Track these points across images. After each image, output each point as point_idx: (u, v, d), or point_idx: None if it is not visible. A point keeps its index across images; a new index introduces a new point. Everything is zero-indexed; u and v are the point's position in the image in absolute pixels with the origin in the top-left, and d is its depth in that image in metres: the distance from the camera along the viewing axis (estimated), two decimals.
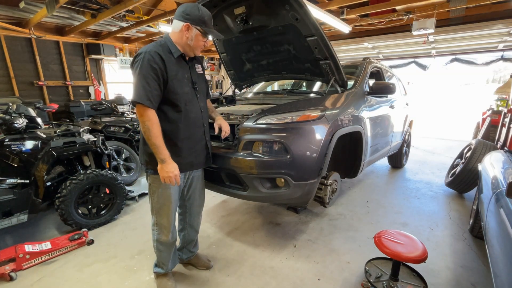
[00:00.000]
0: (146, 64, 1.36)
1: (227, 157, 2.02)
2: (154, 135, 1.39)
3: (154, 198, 1.65)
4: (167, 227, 1.70)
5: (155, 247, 1.77)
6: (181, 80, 1.50)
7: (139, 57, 1.39)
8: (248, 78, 3.33)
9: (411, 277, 1.78)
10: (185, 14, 1.45)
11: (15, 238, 2.48)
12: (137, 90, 1.36)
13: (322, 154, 2.09)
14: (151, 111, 1.39)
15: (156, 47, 1.42)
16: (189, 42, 1.48)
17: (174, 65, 1.47)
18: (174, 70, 1.46)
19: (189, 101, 1.55)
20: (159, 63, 1.39)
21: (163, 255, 1.79)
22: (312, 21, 2.18)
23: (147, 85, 1.36)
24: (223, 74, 9.49)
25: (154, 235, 1.74)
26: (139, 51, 1.41)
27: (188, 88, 1.56)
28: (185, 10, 1.45)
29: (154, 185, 1.62)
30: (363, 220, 2.73)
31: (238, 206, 3.11)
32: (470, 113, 11.91)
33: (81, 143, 2.67)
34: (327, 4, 4.08)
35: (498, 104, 5.07)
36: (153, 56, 1.37)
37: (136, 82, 1.38)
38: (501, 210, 1.45)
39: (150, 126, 1.38)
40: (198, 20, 1.46)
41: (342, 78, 2.55)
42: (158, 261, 1.83)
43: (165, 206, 1.65)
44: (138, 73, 1.37)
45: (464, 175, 3.06)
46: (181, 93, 1.50)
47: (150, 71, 1.36)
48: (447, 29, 5.17)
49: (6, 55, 4.97)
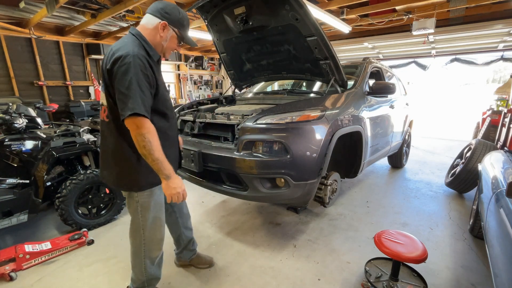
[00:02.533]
0: (138, 70, 1.19)
1: (227, 157, 2.02)
2: (157, 148, 1.22)
3: (146, 215, 1.46)
4: (161, 239, 1.57)
5: (145, 268, 1.55)
6: (163, 86, 1.39)
7: (124, 60, 1.18)
8: (248, 78, 3.33)
9: (411, 277, 1.78)
10: (164, 12, 1.32)
11: (15, 238, 2.48)
12: (134, 100, 1.16)
13: (322, 154, 2.09)
14: (149, 122, 1.22)
15: (139, 49, 1.25)
16: (163, 43, 1.36)
17: (156, 70, 1.35)
18: (158, 75, 1.35)
19: (171, 108, 1.47)
20: (149, 69, 1.25)
21: (154, 272, 1.61)
22: (312, 21, 2.19)
23: (143, 93, 1.20)
24: (223, 74, 9.48)
25: (144, 257, 1.53)
26: (119, 53, 1.19)
27: (166, 93, 1.45)
28: (164, 8, 1.32)
29: (146, 201, 1.43)
30: (363, 220, 2.73)
31: (238, 206, 3.11)
32: (470, 113, 11.92)
33: (81, 143, 2.67)
34: (327, 4, 4.08)
35: (498, 104, 5.07)
36: (143, 62, 1.22)
37: (127, 90, 1.17)
38: (501, 210, 1.45)
39: (151, 138, 1.21)
40: (177, 22, 1.35)
41: (342, 78, 2.55)
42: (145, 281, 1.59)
43: (157, 219, 1.51)
44: (129, 81, 1.17)
45: (464, 175, 3.06)
46: (167, 99, 1.43)
47: (143, 78, 1.21)
48: (447, 29, 5.17)
49: (6, 55, 4.96)
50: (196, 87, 9.10)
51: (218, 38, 2.93)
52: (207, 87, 9.46)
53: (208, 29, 2.86)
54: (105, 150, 1.42)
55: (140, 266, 1.55)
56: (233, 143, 2.08)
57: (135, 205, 1.44)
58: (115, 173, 1.40)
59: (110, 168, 1.41)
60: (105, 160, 1.43)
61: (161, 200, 1.50)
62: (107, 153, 1.41)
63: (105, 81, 1.26)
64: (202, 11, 2.61)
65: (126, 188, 1.42)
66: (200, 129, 2.37)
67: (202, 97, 8.84)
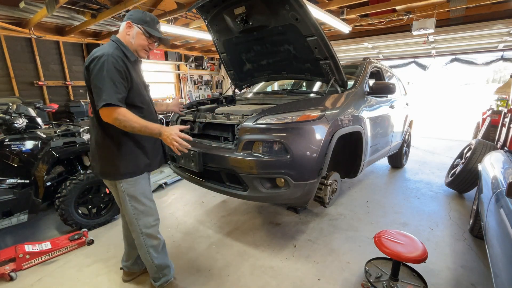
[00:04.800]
0: (111, 66, 1.33)
1: (227, 157, 2.02)
2: (135, 120, 1.35)
3: (135, 204, 1.56)
4: (155, 225, 1.64)
5: (151, 258, 1.65)
6: (139, 84, 1.52)
7: (99, 59, 1.33)
8: (248, 78, 3.33)
9: (411, 277, 1.78)
10: (129, 15, 1.51)
11: (15, 238, 2.48)
12: (106, 92, 1.30)
13: (322, 154, 2.09)
14: (120, 108, 1.33)
15: (114, 50, 1.39)
16: (132, 40, 1.49)
17: (132, 69, 1.48)
18: (134, 74, 1.47)
19: (147, 103, 1.57)
20: (123, 66, 1.38)
21: (161, 260, 1.69)
22: (312, 21, 2.18)
23: (115, 86, 1.33)
24: (223, 74, 9.48)
25: (146, 246, 1.63)
26: (96, 54, 1.35)
27: (144, 91, 1.58)
28: (129, 13, 1.52)
29: (132, 189, 1.54)
30: (363, 220, 2.73)
31: (238, 206, 3.11)
32: (470, 113, 11.92)
33: (81, 143, 2.67)
34: (327, 4, 4.08)
35: (498, 104, 5.07)
36: (116, 60, 1.36)
37: (102, 84, 1.31)
38: (501, 210, 1.45)
39: (125, 116, 1.32)
40: (139, 19, 1.49)
41: (342, 78, 2.55)
42: (158, 271, 1.70)
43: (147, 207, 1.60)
44: (103, 76, 1.31)
45: (464, 175, 3.06)
46: (143, 95, 1.53)
47: (117, 74, 1.34)
48: (447, 29, 5.17)
49: (6, 55, 4.96)
50: (196, 87, 9.10)
51: (218, 38, 2.93)
52: (207, 87, 9.46)
53: (208, 29, 2.85)
54: (92, 143, 1.58)
55: (147, 257, 1.66)
56: (233, 143, 2.08)
57: (122, 195, 1.55)
58: (100, 163, 1.54)
59: (96, 159, 1.56)
60: (92, 152, 1.59)
61: (146, 189, 1.62)
62: (93, 145, 1.56)
63: (85, 78, 1.42)
64: (202, 11, 2.61)
65: (110, 177, 1.55)
66: (200, 129, 2.37)
67: (202, 97, 8.85)
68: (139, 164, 1.55)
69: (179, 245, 2.36)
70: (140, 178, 1.57)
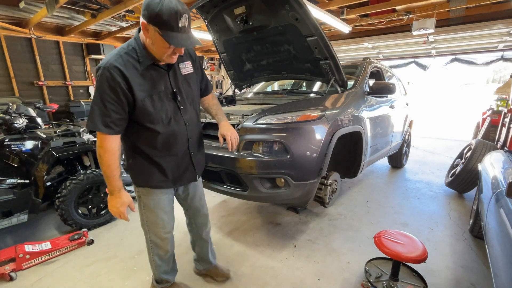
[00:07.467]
0: (105, 83, 1.14)
1: (227, 157, 2.02)
2: (106, 163, 1.23)
3: (147, 213, 1.50)
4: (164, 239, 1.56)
5: (155, 265, 1.63)
6: (155, 96, 1.26)
7: (98, 73, 1.17)
8: (248, 78, 3.33)
9: (411, 277, 1.78)
10: (144, 8, 1.10)
11: (15, 238, 2.48)
12: (91, 115, 1.17)
13: (322, 154, 2.09)
14: (108, 138, 1.20)
15: (117, 58, 1.17)
16: (152, 46, 1.18)
17: (143, 79, 1.22)
18: (143, 86, 1.21)
19: (168, 118, 1.32)
20: (119, 82, 1.14)
21: (165, 267, 1.66)
22: (312, 21, 2.18)
23: (104, 108, 1.15)
24: (223, 74, 9.48)
25: (152, 254, 1.61)
26: (99, 64, 1.17)
27: (167, 102, 1.30)
28: (145, 3, 1.10)
29: (146, 198, 1.46)
30: (363, 220, 2.73)
31: (238, 206, 3.11)
32: (470, 113, 11.91)
33: (81, 143, 2.67)
34: (327, 4, 4.08)
35: (498, 104, 5.06)
36: (111, 73, 1.13)
37: (92, 105, 1.17)
38: (501, 210, 1.45)
39: (101, 153, 1.22)
40: (155, 17, 1.07)
41: (342, 78, 2.55)
42: (159, 274, 1.67)
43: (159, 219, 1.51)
44: (95, 95, 1.17)
45: (464, 175, 3.06)
46: (157, 111, 1.27)
47: (109, 91, 1.14)
48: (447, 29, 5.17)
49: (6, 55, 4.96)
50: None
51: (218, 38, 2.93)
52: None
53: (208, 29, 2.85)
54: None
55: (151, 262, 1.65)
56: None
57: (138, 200, 1.52)
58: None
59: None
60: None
61: (163, 202, 1.49)
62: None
63: None
64: (202, 11, 2.61)
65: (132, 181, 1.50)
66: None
67: None
68: (150, 180, 1.41)
69: (179, 245, 2.35)
70: (157, 191, 1.45)
